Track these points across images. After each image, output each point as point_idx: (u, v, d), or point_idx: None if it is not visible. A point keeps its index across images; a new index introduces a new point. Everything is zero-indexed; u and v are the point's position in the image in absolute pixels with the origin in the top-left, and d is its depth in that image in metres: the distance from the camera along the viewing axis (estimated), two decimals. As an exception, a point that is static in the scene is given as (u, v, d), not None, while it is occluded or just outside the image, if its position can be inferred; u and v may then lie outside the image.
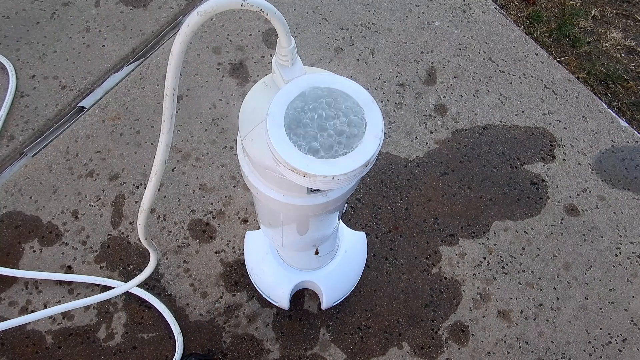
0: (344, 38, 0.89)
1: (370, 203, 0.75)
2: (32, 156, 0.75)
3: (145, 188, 0.40)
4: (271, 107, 0.27)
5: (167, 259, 0.70)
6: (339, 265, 0.63)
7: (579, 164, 0.81)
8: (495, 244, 0.74)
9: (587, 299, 0.71)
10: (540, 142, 0.82)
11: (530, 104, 0.85)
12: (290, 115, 0.28)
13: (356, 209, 0.75)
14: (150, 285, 0.68)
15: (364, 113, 0.28)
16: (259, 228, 0.65)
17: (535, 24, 1.20)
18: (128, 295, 0.67)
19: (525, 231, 0.75)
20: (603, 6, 1.27)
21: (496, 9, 0.95)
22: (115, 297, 0.67)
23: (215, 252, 0.70)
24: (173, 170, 0.75)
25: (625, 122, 0.86)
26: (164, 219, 0.72)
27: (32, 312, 0.65)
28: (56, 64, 0.83)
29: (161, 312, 0.65)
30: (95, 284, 0.68)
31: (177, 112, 0.37)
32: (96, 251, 0.70)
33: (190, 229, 0.72)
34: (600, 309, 0.71)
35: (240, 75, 0.83)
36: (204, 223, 0.72)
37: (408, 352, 0.66)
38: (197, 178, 0.75)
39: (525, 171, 0.80)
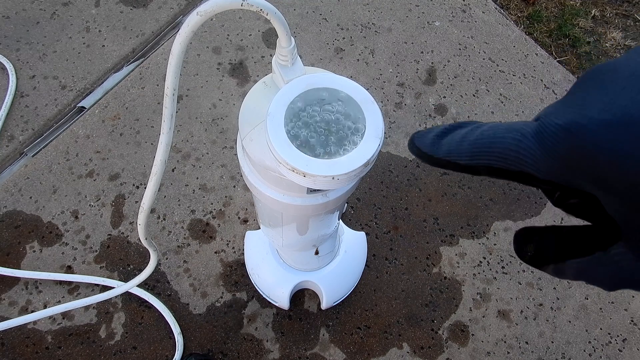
0: (344, 38, 0.88)
1: (370, 203, 0.75)
2: (32, 156, 0.75)
3: (145, 188, 0.40)
4: (271, 107, 0.27)
5: (167, 259, 0.70)
6: (339, 265, 0.63)
7: (579, 164, 0.81)
8: (495, 244, 0.74)
9: (587, 299, 0.71)
10: (540, 142, 0.82)
11: (530, 104, 0.85)
12: (290, 115, 0.28)
13: (356, 209, 0.75)
14: (150, 285, 0.68)
15: (364, 113, 0.28)
16: (259, 228, 0.65)
17: (535, 24, 1.20)
18: (128, 295, 0.67)
19: (525, 231, 0.75)
20: (603, 6, 1.27)
21: (496, 9, 0.95)
22: (115, 297, 0.67)
23: (215, 252, 0.70)
24: (173, 170, 0.75)
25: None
26: (164, 219, 0.72)
27: (32, 312, 0.65)
28: (56, 64, 0.83)
29: (161, 312, 0.65)
30: (95, 284, 0.68)
31: (177, 112, 0.37)
32: (96, 251, 0.70)
33: (190, 229, 0.72)
34: (600, 309, 0.71)
35: (240, 75, 0.83)
36: (204, 223, 0.72)
37: (408, 352, 0.66)
38: (197, 178, 0.75)
39: (525, 171, 0.79)
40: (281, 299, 0.63)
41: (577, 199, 0.18)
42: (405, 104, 0.83)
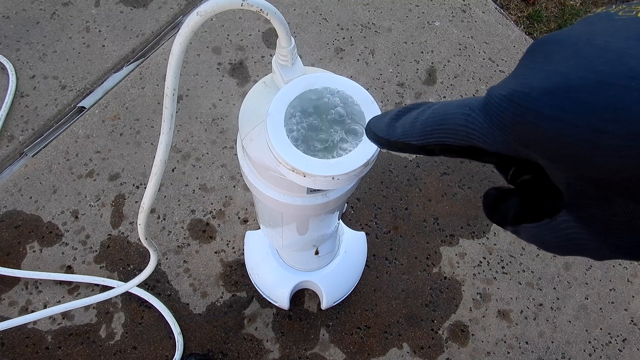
0: (344, 38, 0.88)
1: (370, 203, 0.75)
2: (32, 156, 0.75)
3: (145, 188, 0.40)
4: (271, 107, 0.27)
5: (167, 259, 0.70)
6: (339, 265, 0.63)
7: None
8: (495, 244, 0.74)
9: (587, 299, 0.71)
10: (540, 142, 0.82)
11: (530, 104, 0.85)
12: (290, 115, 0.28)
13: (356, 209, 0.75)
14: (150, 285, 0.68)
15: (364, 113, 0.28)
16: (259, 228, 0.65)
17: (535, 24, 1.20)
18: (128, 295, 0.67)
19: (525, 231, 0.75)
20: (603, 6, 1.27)
21: (496, 9, 0.95)
22: (115, 297, 0.67)
23: (215, 252, 0.70)
24: (173, 170, 0.75)
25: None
26: (164, 219, 0.72)
27: (32, 312, 0.65)
28: (56, 64, 0.83)
29: (161, 312, 0.65)
30: (95, 284, 0.68)
31: (177, 112, 0.37)
32: (96, 251, 0.70)
33: (190, 229, 0.72)
34: (600, 309, 0.71)
35: (240, 75, 0.83)
36: (204, 223, 0.72)
37: (408, 352, 0.66)
38: (197, 178, 0.75)
39: (525, 171, 0.80)
40: (281, 299, 0.63)
41: (529, 174, 0.19)
42: (405, 104, 0.83)
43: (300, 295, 0.69)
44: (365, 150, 0.27)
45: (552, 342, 0.68)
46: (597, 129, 0.12)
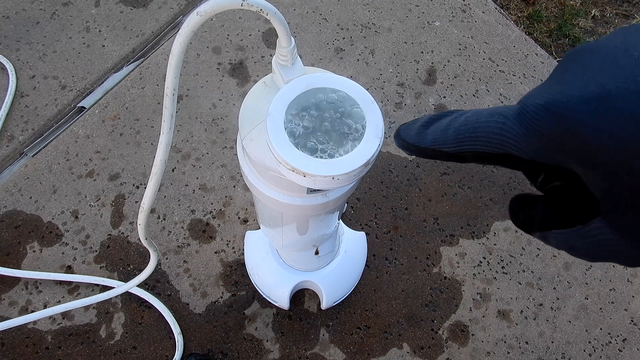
0: (344, 38, 0.88)
1: (370, 203, 0.75)
2: (32, 156, 0.75)
3: (145, 188, 0.40)
4: (271, 107, 0.27)
5: (167, 259, 0.70)
6: (339, 265, 0.63)
7: (579, 164, 0.81)
8: (495, 244, 0.74)
9: (587, 299, 0.71)
10: (540, 142, 0.82)
11: (530, 104, 0.85)
12: (290, 115, 0.28)
13: (356, 209, 0.75)
14: (150, 285, 0.68)
15: (364, 113, 0.28)
16: (259, 228, 0.65)
17: (535, 24, 1.20)
18: (128, 295, 0.67)
19: (525, 231, 0.75)
20: (603, 6, 1.27)
21: (496, 9, 0.95)
22: (115, 297, 0.67)
23: (215, 252, 0.70)
24: (173, 170, 0.75)
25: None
26: (164, 219, 0.72)
27: (32, 312, 0.65)
28: (56, 64, 0.83)
29: (161, 312, 0.66)
30: (95, 284, 0.68)
31: (177, 112, 0.37)
32: (96, 251, 0.70)
33: (190, 229, 0.72)
34: (600, 309, 0.71)
35: (240, 75, 0.83)
36: (204, 223, 0.72)
37: (408, 352, 0.66)
38: (197, 178, 0.75)
39: (525, 171, 0.79)
40: (281, 299, 0.63)
41: (560, 181, 0.19)
42: (405, 104, 0.83)
43: (300, 295, 0.69)
44: (365, 150, 0.27)
45: (552, 342, 0.68)
46: (637, 137, 0.13)
